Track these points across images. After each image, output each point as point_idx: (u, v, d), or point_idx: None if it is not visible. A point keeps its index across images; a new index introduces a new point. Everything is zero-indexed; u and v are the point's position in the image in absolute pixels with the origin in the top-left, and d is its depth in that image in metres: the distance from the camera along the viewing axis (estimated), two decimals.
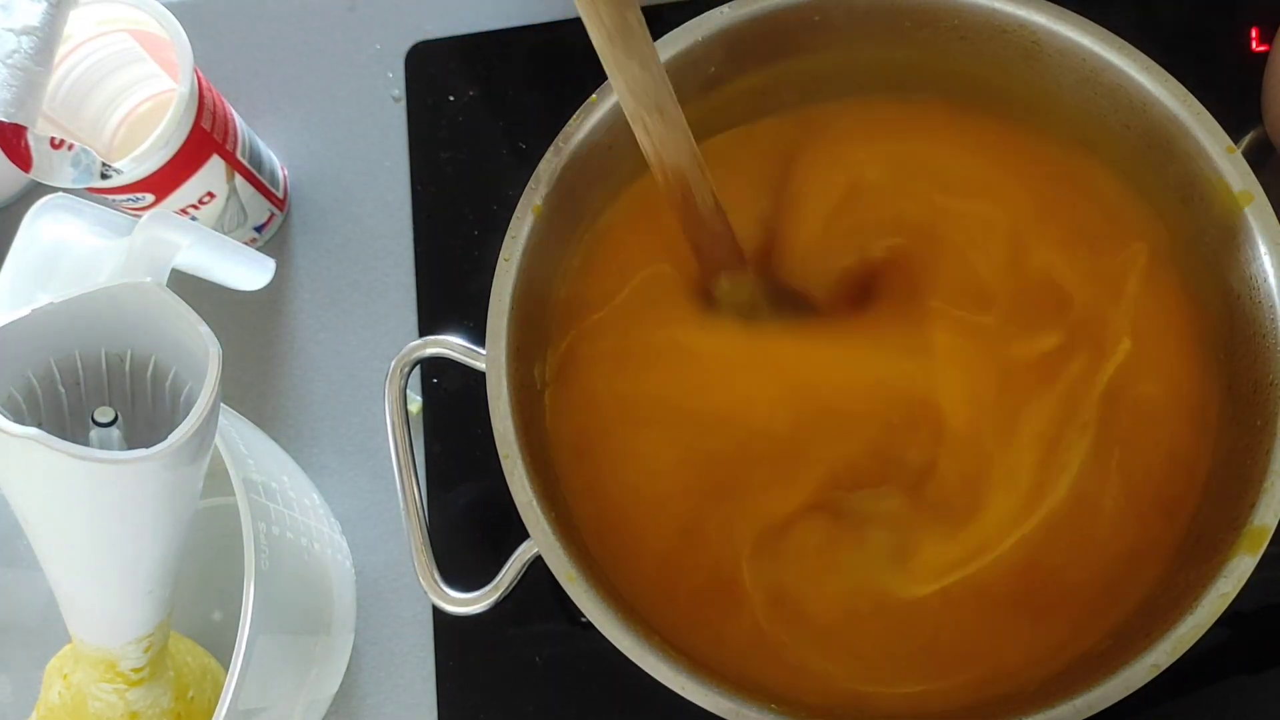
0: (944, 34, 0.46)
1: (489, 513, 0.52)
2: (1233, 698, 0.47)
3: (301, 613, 0.45)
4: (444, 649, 0.52)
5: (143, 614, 0.38)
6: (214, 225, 0.54)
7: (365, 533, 0.54)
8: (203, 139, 0.50)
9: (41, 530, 0.36)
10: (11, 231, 0.41)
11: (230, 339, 0.56)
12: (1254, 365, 0.41)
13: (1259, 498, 0.38)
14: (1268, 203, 0.41)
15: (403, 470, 0.44)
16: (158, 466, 0.34)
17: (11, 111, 0.42)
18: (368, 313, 0.57)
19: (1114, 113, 0.44)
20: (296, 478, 0.49)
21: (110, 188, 0.48)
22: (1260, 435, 0.39)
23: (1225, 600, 0.37)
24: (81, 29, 0.49)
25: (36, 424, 0.34)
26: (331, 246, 0.58)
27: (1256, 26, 0.54)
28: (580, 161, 0.45)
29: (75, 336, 0.37)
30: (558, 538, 0.40)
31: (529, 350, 0.44)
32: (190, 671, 0.44)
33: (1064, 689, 0.38)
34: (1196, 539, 0.42)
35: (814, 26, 0.46)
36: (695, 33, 0.45)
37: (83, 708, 0.40)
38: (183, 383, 0.38)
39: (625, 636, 0.39)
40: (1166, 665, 0.37)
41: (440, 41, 0.60)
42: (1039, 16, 0.43)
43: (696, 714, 0.38)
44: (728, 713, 0.38)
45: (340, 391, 0.56)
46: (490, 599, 0.42)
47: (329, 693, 0.49)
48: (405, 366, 0.45)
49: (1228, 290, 0.42)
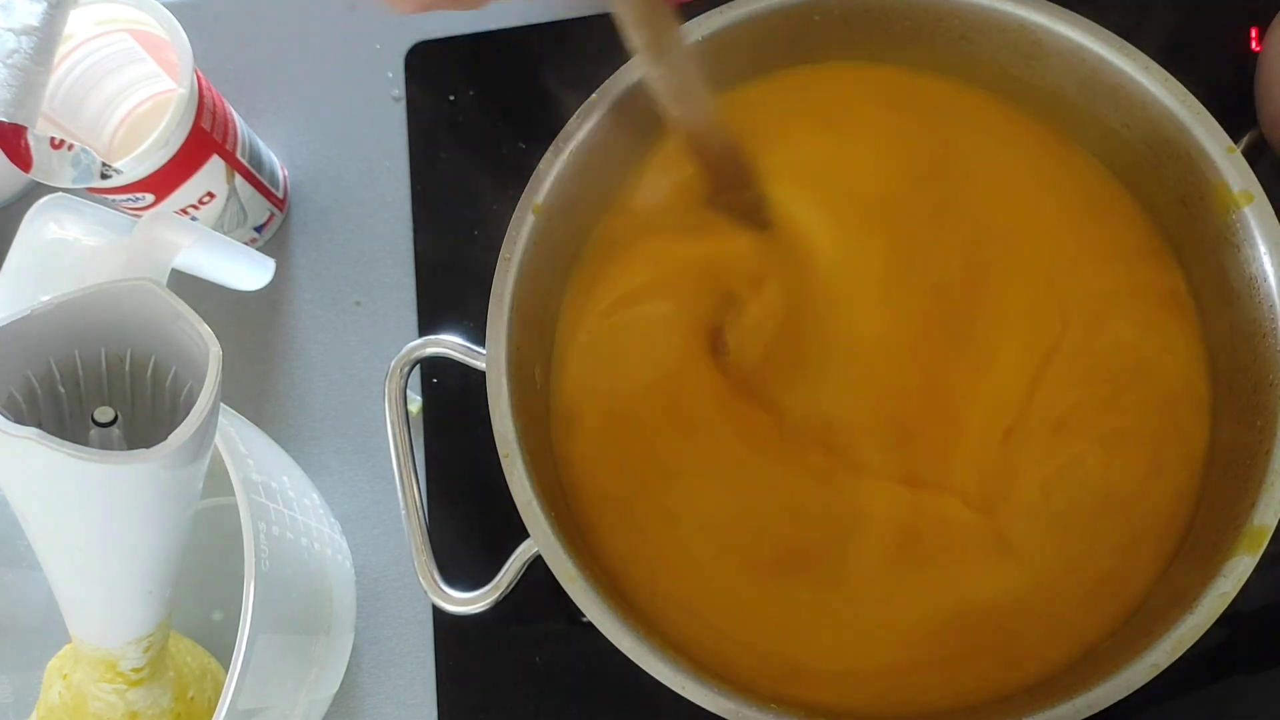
0: (944, 34, 0.46)
1: (489, 513, 0.52)
2: (1233, 698, 0.47)
3: (301, 613, 0.45)
4: (444, 649, 0.52)
5: (143, 614, 0.38)
6: (214, 225, 0.54)
7: (365, 533, 0.54)
8: (203, 139, 0.50)
9: (41, 530, 0.36)
10: (11, 231, 0.41)
11: (230, 339, 0.56)
12: (1254, 365, 0.41)
13: (1259, 498, 0.38)
14: (1268, 202, 0.41)
15: (403, 470, 0.44)
16: (158, 466, 0.34)
17: (11, 111, 0.42)
18: (368, 312, 0.57)
19: (1114, 113, 0.44)
20: (296, 478, 0.49)
21: (110, 188, 0.48)
22: (1260, 435, 0.40)
23: (1225, 600, 0.37)
24: (81, 29, 0.49)
25: (36, 424, 0.33)
26: (331, 246, 0.58)
27: (1256, 26, 0.54)
28: (580, 161, 0.45)
29: (75, 336, 0.37)
30: (558, 538, 0.40)
31: (529, 350, 0.44)
32: (190, 671, 0.44)
33: (1064, 689, 0.38)
34: (1196, 539, 0.42)
35: (814, 27, 0.46)
36: (695, 33, 0.45)
37: (83, 708, 0.40)
38: (183, 383, 0.38)
39: (625, 636, 0.39)
40: (1166, 665, 0.37)
41: (440, 41, 0.60)
42: (1039, 16, 0.44)
43: (696, 714, 0.38)
44: (728, 713, 0.38)
45: (340, 391, 0.56)
46: (490, 599, 0.42)
47: (329, 693, 0.49)
48: (405, 366, 0.45)
49: (1228, 290, 0.42)
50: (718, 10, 0.45)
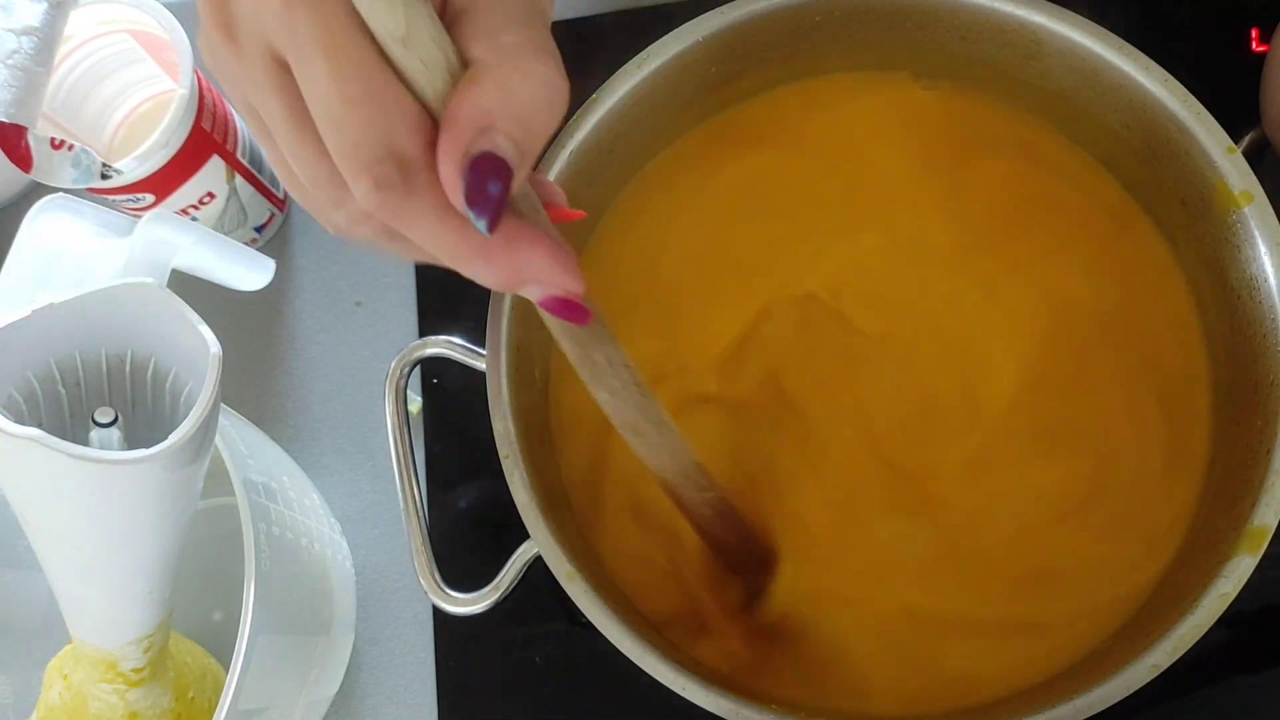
0: (945, 34, 0.46)
1: (489, 513, 0.52)
2: (1233, 698, 0.47)
3: (302, 613, 0.45)
4: (444, 649, 0.52)
5: (143, 614, 0.38)
6: (214, 225, 0.54)
7: (365, 533, 0.54)
8: (203, 139, 0.50)
9: (42, 530, 0.36)
10: (11, 231, 0.41)
11: (230, 339, 0.56)
12: (1254, 365, 0.41)
13: (1259, 498, 0.38)
14: (1268, 203, 0.41)
15: (403, 470, 0.44)
16: (158, 467, 0.34)
17: (12, 112, 0.42)
18: (368, 312, 0.57)
19: (1114, 113, 0.44)
20: (296, 478, 0.49)
21: (110, 188, 0.48)
22: (1260, 435, 0.39)
23: (1225, 600, 0.37)
24: (82, 29, 0.49)
25: (36, 424, 0.33)
26: (331, 246, 0.58)
27: (1256, 26, 0.54)
28: (580, 161, 0.45)
29: (75, 337, 0.37)
30: (557, 538, 0.40)
31: (529, 350, 0.44)
32: (190, 671, 0.44)
33: (1064, 689, 0.38)
34: (1197, 539, 0.42)
35: (814, 27, 0.46)
36: (695, 33, 0.45)
37: (83, 708, 0.40)
38: (183, 383, 0.38)
39: (625, 636, 0.39)
40: (1166, 665, 0.37)
41: None
42: (1039, 16, 0.43)
43: (696, 714, 0.38)
44: (728, 713, 0.38)
45: (340, 391, 0.56)
46: (490, 599, 0.42)
47: (329, 693, 0.49)
48: (405, 366, 0.45)
49: (1228, 290, 0.42)
50: (718, 10, 0.45)
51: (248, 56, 0.26)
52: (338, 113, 0.25)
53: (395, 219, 0.26)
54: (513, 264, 0.27)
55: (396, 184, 0.25)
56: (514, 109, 0.25)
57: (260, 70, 0.25)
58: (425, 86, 0.25)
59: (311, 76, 0.25)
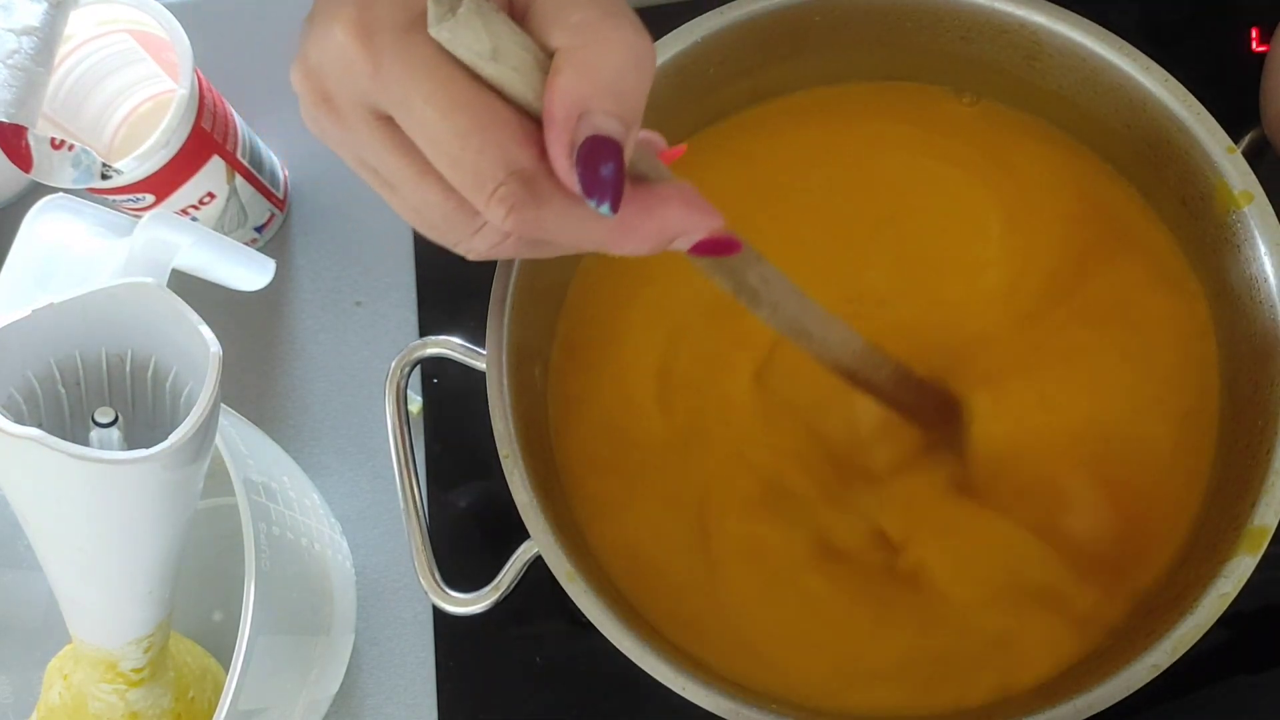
0: (945, 35, 0.46)
1: (489, 513, 0.52)
2: (1233, 698, 0.47)
3: (302, 613, 0.45)
4: (444, 649, 0.52)
5: (143, 614, 0.38)
6: (214, 225, 0.54)
7: (365, 533, 0.54)
8: (203, 139, 0.50)
9: (42, 530, 0.36)
10: (11, 231, 0.41)
11: (230, 339, 0.56)
12: (1254, 365, 0.41)
13: (1259, 498, 0.38)
14: (1268, 203, 0.41)
15: (403, 470, 0.44)
16: (158, 467, 0.34)
17: (12, 112, 0.42)
18: (368, 312, 0.57)
19: (1114, 113, 0.44)
20: (296, 478, 0.49)
21: (110, 188, 0.48)
22: (1260, 435, 0.39)
23: (1225, 600, 0.37)
24: (82, 29, 0.49)
25: (36, 424, 0.34)
26: (331, 246, 0.58)
27: (1256, 26, 0.54)
28: None
29: (75, 337, 0.37)
30: (557, 538, 0.40)
31: (529, 350, 0.44)
32: (190, 672, 0.44)
33: (1064, 689, 0.38)
34: (1196, 539, 0.42)
35: (814, 27, 0.46)
36: (695, 33, 0.45)
37: (83, 708, 0.40)
38: (183, 383, 0.38)
39: (625, 637, 0.39)
40: (1166, 665, 0.37)
41: None
42: (1039, 16, 0.43)
43: (696, 714, 0.38)
44: (728, 713, 0.38)
45: (340, 391, 0.56)
46: (490, 599, 0.42)
47: (329, 693, 0.49)
48: (405, 366, 0.45)
49: (1228, 290, 0.42)
50: (717, 11, 0.45)
51: (352, 123, 0.26)
52: (452, 150, 0.25)
53: (534, 230, 0.27)
54: (654, 230, 0.28)
55: (525, 199, 0.26)
56: (602, 84, 0.25)
57: (367, 132, 0.26)
58: (525, 90, 0.26)
59: (419, 123, 0.25)
